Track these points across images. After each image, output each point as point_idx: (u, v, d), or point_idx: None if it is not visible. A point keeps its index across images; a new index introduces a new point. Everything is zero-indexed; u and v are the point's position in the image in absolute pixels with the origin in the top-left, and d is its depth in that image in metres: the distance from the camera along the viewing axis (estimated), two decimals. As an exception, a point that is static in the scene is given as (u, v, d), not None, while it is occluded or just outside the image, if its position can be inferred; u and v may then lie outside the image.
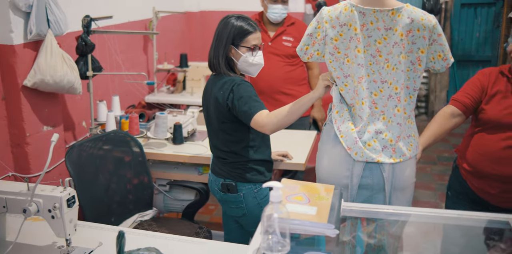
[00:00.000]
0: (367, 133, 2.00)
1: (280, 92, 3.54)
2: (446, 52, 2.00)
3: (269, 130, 2.15)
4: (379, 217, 1.87)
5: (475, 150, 2.28)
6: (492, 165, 2.20)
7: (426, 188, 4.30)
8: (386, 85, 1.98)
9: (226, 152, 2.34)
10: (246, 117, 2.19)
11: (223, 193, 2.38)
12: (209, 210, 3.88)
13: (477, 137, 2.28)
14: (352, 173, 2.01)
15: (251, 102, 2.18)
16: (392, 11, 1.93)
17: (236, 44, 2.26)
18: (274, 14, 3.56)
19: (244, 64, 2.30)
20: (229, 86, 2.23)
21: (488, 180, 2.24)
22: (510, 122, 2.17)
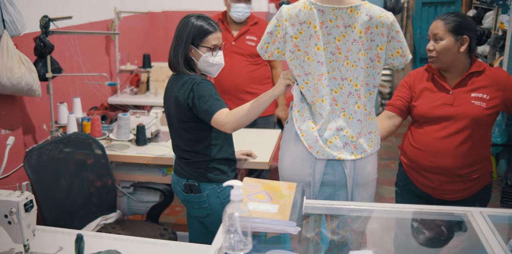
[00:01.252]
0: (328, 130, 2.01)
1: (245, 92, 3.54)
2: (404, 48, 2.02)
3: (229, 128, 2.14)
4: (342, 213, 1.88)
5: (412, 144, 2.36)
6: (429, 158, 2.28)
7: (390, 184, 4.33)
8: (346, 82, 2.00)
9: (188, 152, 2.32)
10: (206, 116, 2.18)
11: (186, 193, 2.37)
12: (175, 212, 3.84)
13: (414, 132, 2.38)
14: (314, 170, 2.01)
15: (211, 101, 2.17)
16: (351, 8, 1.95)
17: (196, 44, 2.25)
18: (237, 13, 3.56)
19: (204, 64, 2.29)
20: (189, 85, 2.22)
21: (427, 174, 2.31)
22: (439, 115, 2.26)
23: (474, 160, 2.25)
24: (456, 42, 2.22)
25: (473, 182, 2.29)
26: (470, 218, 1.72)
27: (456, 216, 1.80)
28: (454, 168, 2.25)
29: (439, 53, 2.24)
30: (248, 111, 2.10)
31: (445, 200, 2.33)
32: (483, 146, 2.28)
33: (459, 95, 2.25)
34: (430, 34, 2.28)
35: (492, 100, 2.22)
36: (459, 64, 2.26)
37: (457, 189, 2.29)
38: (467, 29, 2.22)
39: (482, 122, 2.23)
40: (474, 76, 2.26)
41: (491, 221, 1.73)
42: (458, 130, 2.23)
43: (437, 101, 2.28)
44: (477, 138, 2.24)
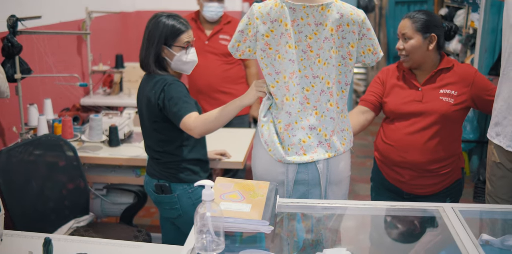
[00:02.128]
0: (300, 129, 2.00)
1: (219, 91, 3.53)
2: (375, 46, 2.03)
3: (196, 133, 2.14)
4: (316, 211, 1.88)
5: (384, 140, 2.40)
6: (399, 153, 2.32)
7: (365, 181, 4.38)
8: (318, 80, 1.99)
9: (159, 152, 2.30)
10: (175, 119, 2.17)
11: (157, 194, 2.34)
12: (150, 213, 3.80)
13: (385, 128, 2.42)
14: (288, 168, 2.01)
15: (181, 104, 2.16)
16: (322, 6, 1.94)
17: (169, 44, 2.22)
18: (210, 13, 3.54)
19: (178, 63, 2.27)
20: (160, 85, 2.19)
21: (398, 169, 2.36)
22: (408, 112, 2.30)
23: (443, 155, 2.29)
24: (424, 41, 2.25)
25: (443, 177, 2.32)
26: (442, 213, 1.73)
27: (429, 212, 1.82)
28: (423, 163, 2.28)
29: (409, 52, 2.27)
30: (216, 118, 2.10)
31: (416, 195, 2.38)
32: (452, 142, 2.31)
33: (428, 92, 2.29)
34: (399, 33, 2.31)
35: (460, 96, 2.25)
36: (429, 61, 2.30)
37: (427, 183, 2.33)
38: (434, 26, 2.26)
39: (450, 118, 2.27)
40: (443, 73, 2.30)
41: (463, 216, 1.75)
42: (427, 125, 2.26)
43: (407, 98, 2.31)
44: (446, 133, 2.27)
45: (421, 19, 2.26)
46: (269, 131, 2.01)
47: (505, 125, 2.09)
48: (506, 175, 2.14)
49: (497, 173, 2.18)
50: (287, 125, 2.00)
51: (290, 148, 2.00)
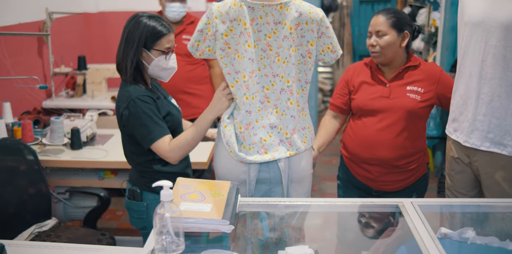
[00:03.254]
0: (261, 128, 2.00)
1: (183, 92, 3.50)
2: (334, 44, 2.04)
3: (174, 160, 2.03)
4: (278, 210, 1.88)
5: (352, 137, 2.42)
6: (367, 150, 2.34)
7: (332, 179, 4.41)
8: (278, 79, 2.00)
9: (133, 162, 2.18)
10: (144, 142, 2.03)
11: (128, 199, 2.21)
12: (116, 216, 3.75)
13: (353, 125, 2.43)
14: (249, 168, 2.00)
15: (151, 126, 1.99)
16: (281, 5, 1.95)
17: (148, 47, 2.04)
18: (173, 13, 3.52)
19: (156, 68, 2.07)
20: (125, 101, 2.02)
21: (366, 165, 2.37)
22: (375, 108, 2.32)
23: (410, 151, 2.32)
24: (398, 37, 2.28)
25: (410, 172, 2.35)
26: (402, 208, 1.75)
27: (390, 207, 1.84)
28: (391, 159, 2.31)
29: (383, 48, 2.29)
30: (192, 140, 2.02)
31: (384, 191, 2.40)
32: (418, 138, 2.35)
33: (395, 88, 2.31)
34: (372, 30, 2.32)
35: (426, 94, 2.29)
36: (398, 58, 2.33)
37: (395, 179, 2.36)
38: (407, 24, 2.30)
39: (416, 115, 2.30)
40: (410, 70, 2.34)
41: (424, 211, 1.78)
42: (394, 121, 2.29)
43: (374, 94, 2.34)
44: (412, 129, 2.31)
45: (395, 16, 2.29)
46: (231, 132, 2.01)
47: (462, 121, 2.14)
48: (464, 169, 2.19)
49: (455, 168, 2.22)
50: (247, 124, 2.00)
51: (251, 147, 2.00)
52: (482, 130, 2.06)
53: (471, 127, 2.09)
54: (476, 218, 1.94)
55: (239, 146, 2.01)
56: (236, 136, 2.02)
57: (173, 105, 2.21)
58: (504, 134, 2.02)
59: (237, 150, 1.99)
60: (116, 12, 4.81)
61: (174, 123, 2.13)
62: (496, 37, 1.97)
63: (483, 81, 2.03)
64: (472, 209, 1.90)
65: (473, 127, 2.08)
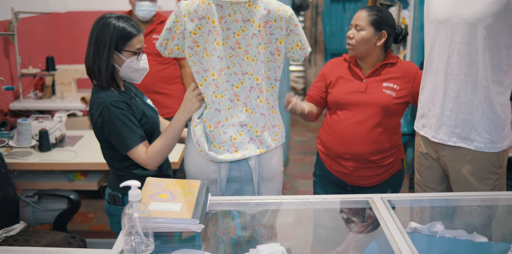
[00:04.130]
0: (231, 126, 2.00)
1: (153, 92, 3.47)
2: (303, 42, 2.05)
3: (152, 167, 2.01)
4: (249, 208, 1.88)
5: (328, 131, 2.44)
6: (342, 144, 2.36)
7: (305, 177, 4.43)
8: (247, 77, 1.99)
9: (111, 166, 2.14)
10: (120, 149, 1.99)
11: (109, 204, 2.16)
12: (88, 219, 3.70)
13: (329, 119, 2.46)
14: (220, 166, 2.00)
15: (126, 133, 1.96)
16: (249, 3, 1.95)
17: (119, 48, 1.99)
18: (142, 12, 3.49)
19: (128, 70, 2.03)
20: (98, 108, 1.97)
21: (341, 160, 2.39)
22: (351, 102, 2.35)
23: (385, 146, 2.34)
24: (374, 36, 2.30)
25: (385, 168, 2.38)
26: (372, 204, 1.76)
27: (360, 203, 1.85)
28: (365, 153, 2.33)
29: (357, 42, 2.31)
30: (169, 146, 2.00)
31: (359, 186, 2.42)
32: (393, 133, 2.37)
33: (372, 84, 2.35)
34: (353, 23, 2.35)
35: (401, 91, 2.32)
36: (374, 56, 2.36)
37: (370, 174, 2.38)
38: (387, 25, 2.32)
39: (391, 111, 2.33)
40: (387, 67, 2.37)
41: (395, 206, 1.80)
42: (369, 116, 2.32)
43: (351, 88, 2.36)
44: (387, 125, 2.34)
45: (377, 14, 2.31)
46: (200, 131, 2.00)
47: (430, 117, 2.16)
48: (432, 165, 2.22)
49: (424, 163, 2.25)
50: (217, 123, 1.99)
51: (221, 145, 1.99)
52: (449, 125, 2.09)
53: (439, 122, 2.12)
54: (445, 212, 1.97)
55: (209, 144, 2.00)
56: (206, 134, 2.01)
57: (148, 106, 2.18)
58: (470, 128, 2.05)
59: (207, 149, 1.98)
60: (85, 12, 4.74)
61: (151, 125, 2.10)
62: (461, 34, 2.00)
63: (449, 78, 2.06)
64: (440, 203, 1.93)
65: (440, 123, 2.11)
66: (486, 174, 2.07)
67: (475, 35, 1.96)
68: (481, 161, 2.07)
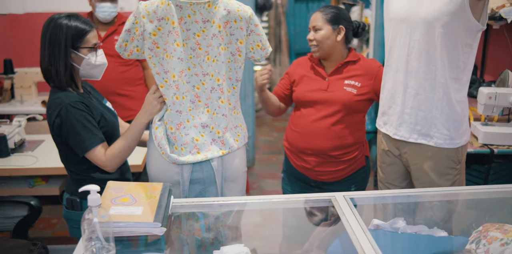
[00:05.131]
0: (193, 128, 1.98)
1: (115, 94, 3.42)
2: (264, 42, 2.05)
3: (112, 169, 1.99)
4: (213, 209, 1.87)
5: (292, 127, 2.50)
6: (305, 139, 2.42)
7: (272, 177, 4.45)
8: (208, 78, 1.98)
9: (69, 169, 2.10)
10: (78, 151, 1.96)
11: (67, 209, 2.12)
12: (51, 224, 3.62)
13: (293, 116, 2.52)
14: (182, 168, 1.98)
15: (84, 134, 1.93)
16: (209, 3, 1.93)
17: (76, 46, 1.98)
18: (103, 13, 3.43)
19: (87, 67, 2.02)
20: (56, 109, 1.94)
21: (304, 155, 2.44)
22: (313, 99, 2.41)
23: (346, 142, 2.38)
24: (333, 32, 2.36)
25: (347, 163, 2.42)
26: (334, 202, 1.77)
27: (323, 202, 1.86)
28: (327, 149, 2.38)
29: (319, 42, 2.37)
30: (129, 147, 1.98)
31: (322, 181, 2.47)
32: (355, 130, 2.41)
33: (334, 82, 2.40)
34: (310, 26, 2.42)
35: (363, 88, 2.37)
36: (337, 53, 2.41)
37: (331, 170, 2.42)
38: (343, 20, 2.39)
39: (353, 108, 2.38)
40: (350, 65, 2.42)
41: (358, 203, 1.82)
42: (330, 113, 2.37)
43: (314, 86, 2.43)
44: (349, 121, 2.38)
45: (331, 12, 2.39)
46: (162, 133, 1.98)
47: (391, 115, 2.20)
48: (394, 161, 2.25)
49: (386, 160, 2.28)
50: (178, 124, 1.97)
51: (183, 147, 1.98)
52: (410, 122, 2.12)
53: (400, 119, 2.15)
54: (407, 208, 2.00)
55: (170, 147, 1.98)
56: (168, 137, 1.99)
57: (107, 109, 2.15)
58: (430, 125, 2.09)
59: (169, 151, 1.97)
60: (44, 14, 4.64)
61: (110, 128, 2.08)
62: (419, 32, 2.03)
63: (409, 76, 2.09)
64: (403, 200, 1.95)
65: (401, 120, 2.14)
66: (446, 169, 2.12)
67: (433, 33, 2.00)
68: (441, 157, 2.11)
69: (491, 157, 2.83)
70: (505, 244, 1.52)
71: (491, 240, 1.58)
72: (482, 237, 1.62)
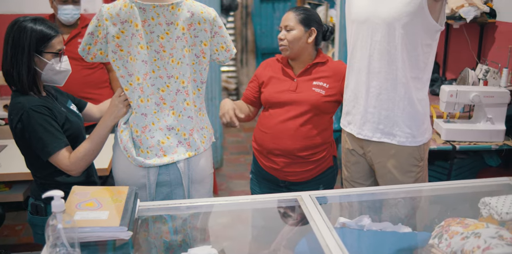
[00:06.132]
0: (158, 130, 1.98)
1: (81, 97, 3.35)
2: (228, 43, 2.06)
3: (77, 174, 1.96)
4: (180, 211, 1.86)
5: (260, 129, 2.50)
6: (273, 140, 2.42)
7: (240, 177, 4.46)
8: (173, 80, 1.98)
9: (34, 174, 2.06)
10: (42, 154, 1.93)
11: (32, 214, 2.09)
12: (16, 231, 3.54)
13: (261, 117, 2.52)
14: (149, 171, 1.97)
15: (47, 138, 1.90)
16: (172, 5, 1.93)
17: (40, 51, 1.94)
18: (66, 16, 3.38)
19: (50, 72, 1.98)
20: (17, 114, 1.91)
21: (272, 156, 2.45)
22: (282, 100, 2.42)
23: (314, 142, 2.40)
24: (305, 33, 2.38)
25: (315, 163, 2.43)
26: (300, 202, 1.79)
27: (290, 201, 1.88)
28: (295, 149, 2.39)
29: (290, 42, 2.38)
30: (94, 151, 1.96)
31: (290, 182, 2.47)
32: (323, 130, 2.43)
33: (302, 83, 2.41)
34: (282, 25, 2.42)
35: (330, 89, 2.39)
36: (306, 54, 2.43)
37: (299, 170, 2.43)
38: (315, 22, 2.40)
39: (320, 108, 2.39)
40: (318, 66, 2.44)
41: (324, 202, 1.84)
42: (298, 113, 2.38)
43: (282, 87, 2.43)
44: (317, 122, 2.40)
45: (304, 13, 2.40)
46: (127, 137, 1.97)
47: (354, 114, 2.23)
48: (359, 160, 2.29)
49: (351, 159, 2.32)
50: (144, 127, 1.97)
51: (149, 150, 1.97)
52: (373, 121, 2.16)
53: (363, 119, 2.18)
54: (372, 205, 2.04)
55: (136, 150, 1.98)
56: (133, 140, 1.98)
57: (72, 112, 2.13)
58: (393, 124, 2.13)
59: (134, 154, 1.96)
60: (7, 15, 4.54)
61: (75, 131, 2.05)
62: (380, 33, 2.07)
63: (371, 76, 2.13)
64: (368, 197, 1.99)
65: (364, 119, 2.18)
66: (409, 167, 2.16)
67: (393, 34, 2.04)
68: (404, 154, 2.15)
69: (453, 153, 2.91)
70: (465, 238, 1.56)
71: (453, 234, 1.62)
72: (444, 232, 1.66)
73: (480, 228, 1.59)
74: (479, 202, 1.83)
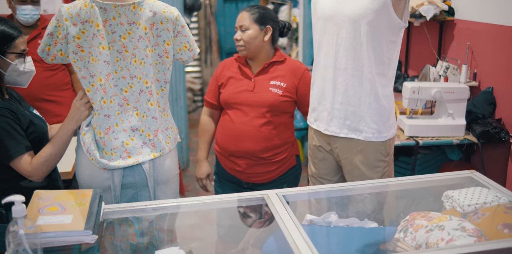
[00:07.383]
0: (122, 131, 1.95)
1: (41, 100, 3.30)
2: (191, 43, 2.05)
3: (39, 179, 1.91)
4: (147, 213, 1.84)
5: (221, 131, 2.50)
6: (233, 142, 2.42)
7: (207, 178, 4.42)
8: (136, 81, 1.95)
9: None
10: (3, 158, 1.88)
11: None
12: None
13: (222, 119, 2.52)
14: (113, 173, 1.94)
15: (8, 142, 1.85)
16: (134, 5, 1.91)
17: (3, 51, 1.90)
18: (24, 16, 3.30)
19: (13, 73, 1.94)
20: None
21: (234, 158, 2.45)
22: (240, 101, 2.42)
23: (275, 143, 2.40)
24: (260, 32, 2.38)
25: (277, 164, 2.44)
26: (267, 200, 1.79)
27: (257, 200, 1.87)
28: (256, 151, 2.39)
29: (246, 42, 2.38)
30: (56, 155, 1.91)
31: (254, 183, 2.48)
32: (284, 130, 2.44)
33: (260, 82, 2.41)
34: (237, 25, 2.41)
35: (288, 89, 2.40)
36: (264, 52, 2.43)
37: (262, 171, 2.44)
38: (270, 19, 2.40)
39: (279, 109, 2.39)
40: (276, 65, 2.44)
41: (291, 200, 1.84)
42: (257, 114, 2.38)
43: (240, 88, 2.42)
44: (276, 122, 2.39)
45: (258, 12, 2.40)
46: (90, 139, 1.93)
47: (321, 111, 2.25)
48: (326, 156, 2.30)
49: (318, 156, 2.33)
50: (107, 129, 1.94)
51: (113, 152, 1.94)
52: (339, 117, 2.18)
53: (330, 115, 2.20)
54: (340, 202, 2.05)
55: (100, 152, 1.94)
56: (96, 142, 1.94)
57: (35, 115, 2.08)
58: (359, 120, 2.16)
59: (98, 157, 1.92)
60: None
61: (39, 134, 2.01)
62: (346, 30, 2.09)
63: (338, 72, 2.15)
64: (335, 194, 2.00)
65: (331, 116, 2.20)
66: (375, 162, 2.19)
67: (358, 31, 2.06)
68: (370, 150, 2.18)
69: (417, 148, 2.96)
70: (429, 231, 1.60)
71: (417, 228, 1.65)
72: (409, 226, 1.70)
73: (444, 220, 1.63)
74: (442, 195, 1.87)
